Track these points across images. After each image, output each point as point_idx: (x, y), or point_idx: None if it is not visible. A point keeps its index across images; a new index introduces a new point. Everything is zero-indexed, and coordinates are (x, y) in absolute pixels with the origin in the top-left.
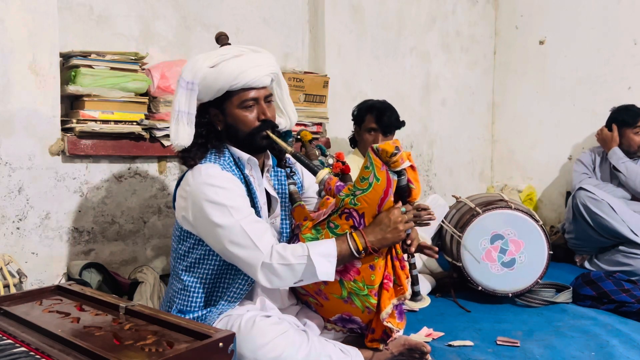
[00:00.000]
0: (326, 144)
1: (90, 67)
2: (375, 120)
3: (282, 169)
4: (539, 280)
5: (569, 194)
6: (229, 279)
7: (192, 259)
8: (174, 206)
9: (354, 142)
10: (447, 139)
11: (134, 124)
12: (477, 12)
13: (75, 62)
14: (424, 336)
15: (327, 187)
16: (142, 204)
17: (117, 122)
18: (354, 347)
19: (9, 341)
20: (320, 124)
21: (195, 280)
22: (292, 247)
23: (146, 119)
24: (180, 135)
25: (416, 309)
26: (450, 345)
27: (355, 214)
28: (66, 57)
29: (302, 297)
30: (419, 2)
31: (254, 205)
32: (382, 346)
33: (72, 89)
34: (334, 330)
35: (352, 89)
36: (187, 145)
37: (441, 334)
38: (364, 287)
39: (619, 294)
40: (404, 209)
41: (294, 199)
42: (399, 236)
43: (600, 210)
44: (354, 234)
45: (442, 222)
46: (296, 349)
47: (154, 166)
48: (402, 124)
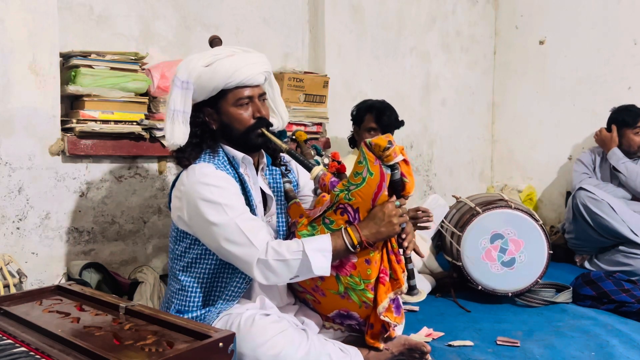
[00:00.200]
0: (326, 144)
1: (90, 67)
2: (374, 119)
3: (277, 168)
4: (539, 279)
5: (569, 194)
6: (226, 278)
7: (189, 259)
8: (170, 207)
9: (353, 142)
10: (447, 139)
11: (134, 124)
12: (477, 12)
13: (75, 62)
14: (424, 336)
15: (321, 183)
16: (142, 204)
17: (117, 122)
18: (353, 346)
19: (9, 341)
20: (320, 124)
21: (192, 280)
22: (287, 243)
23: (146, 119)
24: (175, 134)
25: (415, 306)
26: (450, 345)
27: (349, 209)
28: (66, 57)
29: (299, 294)
30: (419, 2)
31: (249, 203)
32: (382, 346)
33: (72, 89)
34: (332, 329)
35: (352, 89)
36: (182, 144)
37: (441, 334)
38: (360, 282)
39: (619, 294)
40: (398, 202)
41: (289, 196)
42: (393, 230)
43: (600, 210)
44: (349, 228)
45: (442, 221)
46: (295, 347)
47: (154, 166)
48: (402, 123)
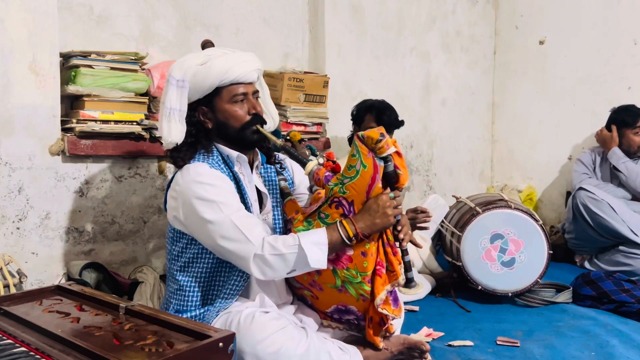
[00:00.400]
0: (326, 144)
1: (90, 67)
2: (375, 119)
3: (272, 166)
4: (539, 279)
5: (569, 194)
6: (223, 276)
7: (186, 259)
8: (165, 208)
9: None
10: (447, 139)
11: (134, 124)
12: (477, 12)
13: (75, 62)
14: (424, 336)
15: (315, 178)
16: (142, 204)
17: (117, 122)
18: (353, 346)
19: (9, 341)
20: (320, 124)
21: (190, 279)
22: (283, 238)
23: (146, 119)
24: (172, 132)
25: (415, 305)
26: (450, 345)
27: (344, 202)
28: (66, 57)
29: (297, 290)
30: (419, 2)
31: (244, 201)
32: (381, 345)
33: (72, 89)
34: (330, 327)
35: (352, 89)
36: (179, 142)
37: (441, 334)
38: (357, 275)
39: (619, 294)
40: (392, 194)
41: (284, 194)
42: (388, 221)
43: (600, 210)
44: (344, 221)
45: (443, 221)
46: (295, 344)
47: (154, 166)
48: (402, 123)
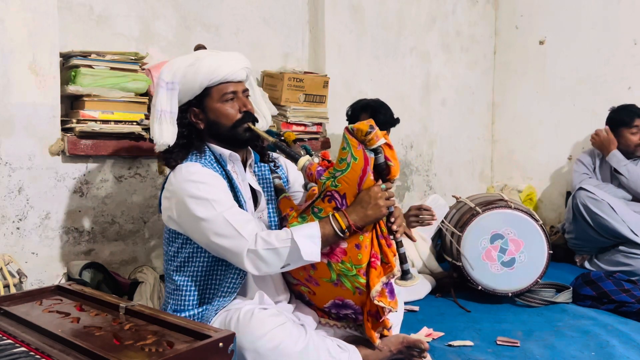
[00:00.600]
0: (326, 144)
1: (90, 67)
2: (370, 118)
3: (266, 164)
4: (539, 279)
5: (569, 194)
6: (220, 275)
7: (182, 259)
8: (160, 210)
9: None
10: (447, 139)
11: (134, 124)
12: (477, 12)
13: (75, 62)
14: (424, 336)
15: (308, 173)
16: (142, 204)
17: (117, 122)
18: (351, 344)
19: (9, 341)
20: (320, 124)
21: (186, 279)
22: (276, 232)
23: (146, 118)
24: (164, 134)
25: (415, 305)
26: (450, 345)
27: (336, 195)
28: (66, 57)
29: (294, 287)
30: (419, 2)
31: (237, 200)
32: (377, 342)
33: (72, 89)
34: (328, 325)
35: (352, 89)
36: (171, 143)
37: (441, 334)
38: (352, 268)
39: (619, 294)
40: (384, 186)
41: (279, 191)
42: (380, 212)
43: (600, 210)
44: (336, 214)
45: (443, 221)
46: (294, 340)
47: (154, 166)
48: (397, 120)
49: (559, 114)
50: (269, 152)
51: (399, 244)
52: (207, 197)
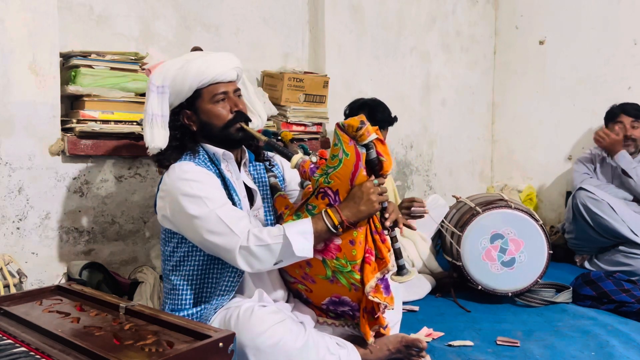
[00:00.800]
0: (326, 144)
1: (90, 67)
2: (367, 117)
3: (261, 163)
4: (539, 279)
5: (569, 194)
6: (216, 274)
7: (178, 258)
8: (156, 210)
9: None
10: (447, 139)
11: (134, 124)
12: (477, 12)
13: (75, 62)
14: (424, 336)
15: (301, 171)
16: (142, 204)
17: (117, 122)
18: (350, 343)
19: (9, 341)
20: (320, 124)
21: (182, 278)
22: (269, 229)
23: None
24: (155, 138)
25: (415, 305)
26: (450, 345)
27: (329, 192)
28: (66, 57)
29: (292, 285)
30: (419, 2)
31: (231, 198)
32: (371, 339)
33: (72, 89)
34: (326, 324)
35: (352, 89)
36: (163, 147)
37: (441, 334)
38: (346, 264)
39: (619, 294)
40: (376, 181)
41: (274, 190)
42: (372, 207)
43: (600, 210)
44: (329, 210)
45: (443, 221)
46: (294, 337)
47: (154, 166)
48: (395, 119)
49: (559, 114)
50: (265, 151)
51: (394, 240)
52: (199, 195)
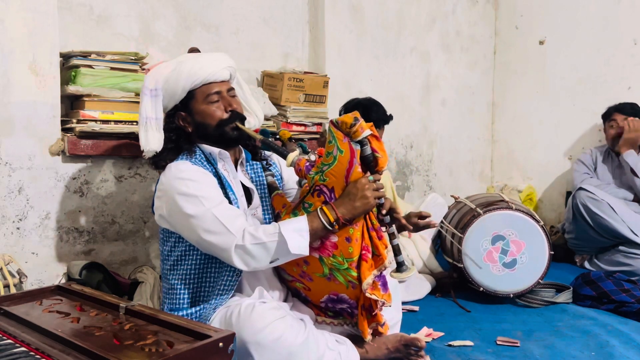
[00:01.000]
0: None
1: (90, 67)
2: (362, 116)
3: (258, 162)
4: (540, 280)
5: (569, 194)
6: (214, 273)
7: (175, 258)
8: (153, 211)
9: None
10: (447, 139)
11: (134, 124)
12: (477, 12)
13: (75, 62)
14: (424, 336)
15: (297, 169)
16: (142, 204)
17: (117, 122)
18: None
19: (9, 341)
20: (320, 124)
21: (180, 278)
22: (264, 227)
23: None
24: (150, 141)
25: (415, 305)
26: (450, 345)
27: (325, 189)
28: (66, 57)
29: (290, 284)
30: (419, 2)
31: (228, 197)
32: (368, 337)
33: (72, 89)
34: (324, 323)
35: (352, 89)
36: (158, 149)
37: (441, 334)
38: (343, 261)
39: (619, 294)
40: (371, 177)
41: (272, 189)
42: (368, 203)
43: (600, 210)
44: (325, 207)
45: (442, 222)
46: (295, 333)
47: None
48: (390, 117)
49: (559, 114)
50: (262, 150)
51: (392, 236)
52: (195, 194)
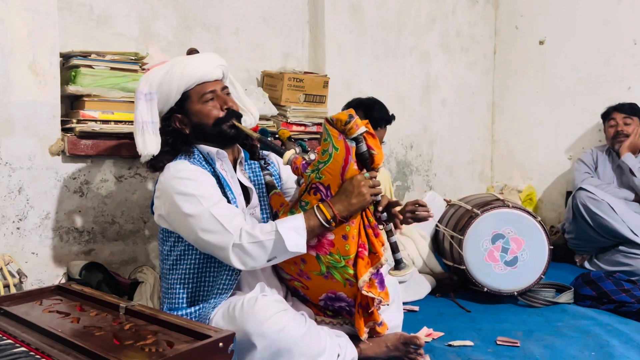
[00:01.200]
0: None
1: (90, 67)
2: (364, 116)
3: (256, 162)
4: (542, 276)
5: (569, 194)
6: (213, 273)
7: (174, 257)
8: (152, 211)
9: None
10: (447, 139)
11: None
12: (477, 12)
13: (75, 62)
14: (424, 336)
15: (293, 167)
16: (142, 203)
17: (117, 122)
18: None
19: (9, 341)
20: (320, 124)
21: (179, 278)
22: (261, 226)
23: None
24: (147, 145)
25: (415, 305)
26: (450, 345)
27: (321, 187)
28: (66, 57)
29: (289, 283)
30: (419, 2)
31: (226, 197)
32: (364, 336)
33: (72, 89)
34: (323, 322)
35: (352, 89)
36: (155, 153)
37: (441, 334)
38: (340, 259)
39: (619, 294)
40: (367, 174)
41: (270, 188)
42: (364, 200)
43: (600, 210)
44: (321, 205)
45: (438, 225)
46: (297, 325)
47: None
48: (392, 117)
49: (559, 114)
50: (260, 149)
51: (389, 234)
52: (193, 193)
